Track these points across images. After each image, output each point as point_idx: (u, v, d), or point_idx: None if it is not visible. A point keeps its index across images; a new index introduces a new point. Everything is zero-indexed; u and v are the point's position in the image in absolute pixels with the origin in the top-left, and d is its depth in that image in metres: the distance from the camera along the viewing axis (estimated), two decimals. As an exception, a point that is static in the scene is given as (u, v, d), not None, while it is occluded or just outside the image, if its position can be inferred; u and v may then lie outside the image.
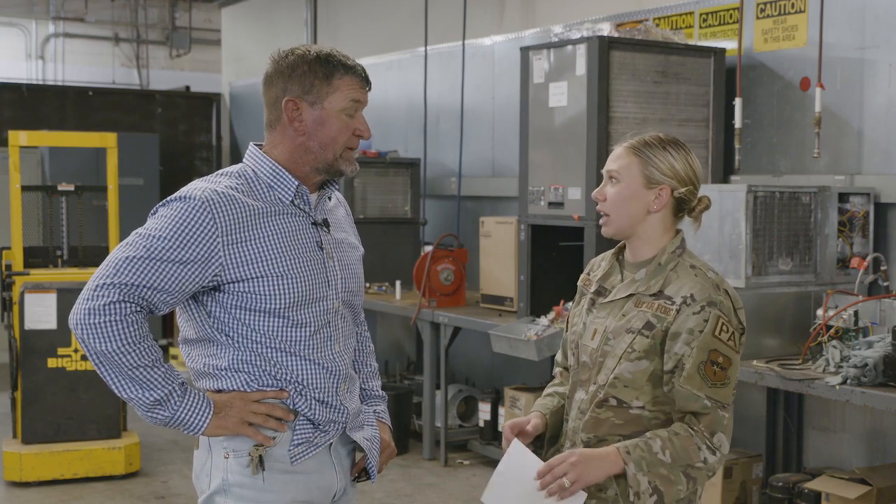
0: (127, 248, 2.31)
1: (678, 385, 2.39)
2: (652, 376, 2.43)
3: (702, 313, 2.38)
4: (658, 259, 2.48)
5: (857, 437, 5.19)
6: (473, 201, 7.64)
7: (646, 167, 2.46)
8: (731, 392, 2.42)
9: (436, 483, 6.19)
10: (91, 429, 6.18)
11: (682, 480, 2.37)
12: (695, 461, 2.36)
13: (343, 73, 2.42)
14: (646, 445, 2.36)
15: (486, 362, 7.35)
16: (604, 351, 2.48)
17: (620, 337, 2.45)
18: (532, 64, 5.62)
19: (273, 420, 2.39)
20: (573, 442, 2.52)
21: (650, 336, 2.41)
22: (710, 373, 2.37)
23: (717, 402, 2.38)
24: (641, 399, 2.43)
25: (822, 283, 4.81)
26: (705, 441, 2.37)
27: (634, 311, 2.45)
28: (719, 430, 2.39)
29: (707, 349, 2.37)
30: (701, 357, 2.37)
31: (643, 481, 2.34)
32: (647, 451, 2.35)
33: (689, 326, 2.38)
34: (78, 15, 15.01)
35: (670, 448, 2.36)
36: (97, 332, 2.27)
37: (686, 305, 2.39)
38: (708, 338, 2.37)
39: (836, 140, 5.25)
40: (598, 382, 2.48)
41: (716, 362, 2.38)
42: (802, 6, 5.39)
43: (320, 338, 2.44)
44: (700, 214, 2.53)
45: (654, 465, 2.35)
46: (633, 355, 2.43)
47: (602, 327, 2.50)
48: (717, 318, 2.38)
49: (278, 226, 2.39)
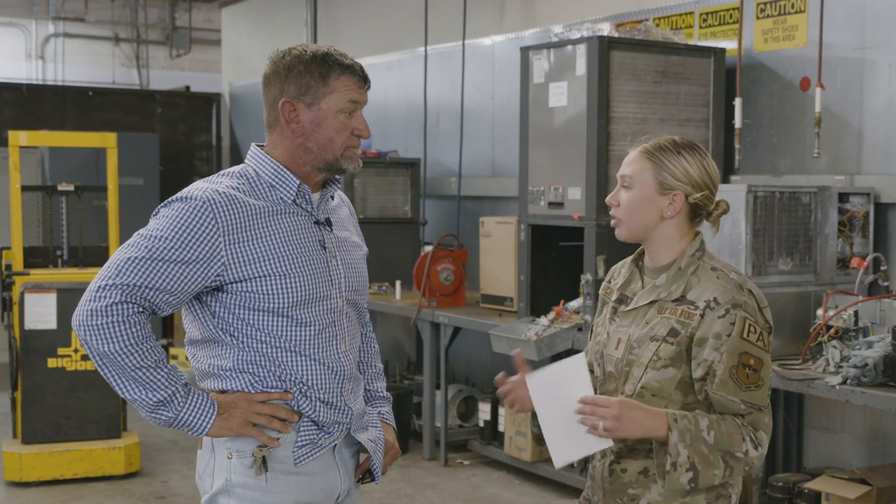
0: (129, 249, 2.31)
1: (712, 392, 2.35)
2: (680, 384, 2.39)
3: (727, 316, 2.34)
4: (678, 263, 2.44)
5: (857, 437, 5.20)
6: (473, 201, 7.64)
7: (659, 173, 2.42)
8: (766, 393, 2.37)
9: (436, 483, 6.19)
10: (91, 429, 6.18)
11: (721, 465, 2.32)
12: (736, 450, 2.32)
13: (340, 73, 2.41)
14: (694, 419, 2.33)
15: (486, 362, 7.35)
16: (629, 360, 2.44)
17: (645, 345, 2.41)
18: (532, 64, 5.63)
19: (277, 421, 2.38)
20: (603, 452, 2.48)
21: (675, 343, 2.37)
22: (742, 376, 2.33)
23: (752, 406, 2.35)
24: (671, 408, 2.38)
25: (822, 283, 4.81)
26: (751, 433, 2.34)
27: (658, 317, 2.41)
28: (761, 428, 2.36)
29: (737, 353, 2.33)
30: (732, 361, 2.33)
31: (682, 453, 2.30)
32: (694, 425, 2.31)
33: (716, 331, 2.34)
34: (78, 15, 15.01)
35: (716, 430, 2.32)
36: (100, 334, 2.27)
37: (710, 310, 2.35)
38: (737, 341, 2.33)
39: (836, 140, 5.25)
40: (625, 392, 2.44)
41: (747, 365, 2.33)
42: (802, 6, 5.39)
43: (325, 337, 2.44)
44: (718, 218, 2.49)
45: (697, 441, 2.31)
46: (658, 363, 2.39)
47: (626, 336, 2.46)
48: (744, 319, 2.34)
49: (280, 225, 2.39)
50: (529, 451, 6.05)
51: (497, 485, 6.17)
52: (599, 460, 2.51)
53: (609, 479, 2.47)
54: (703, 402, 2.39)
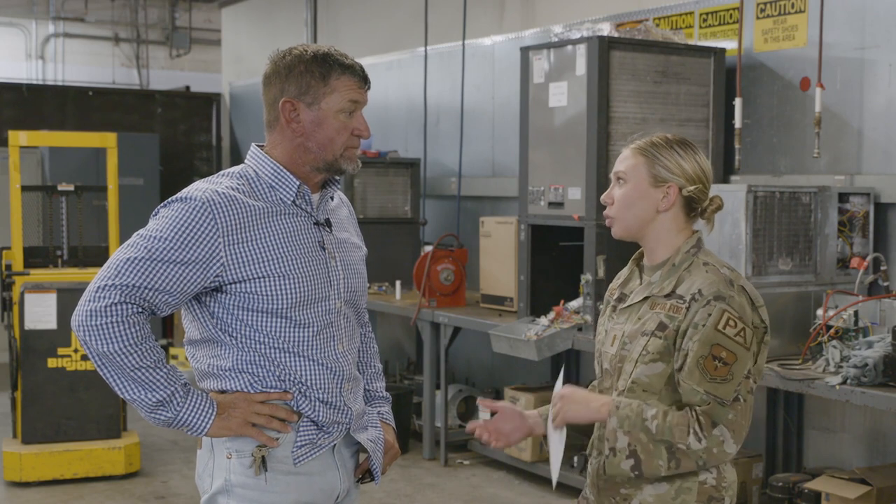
0: (128, 250, 2.31)
1: (681, 380, 2.35)
2: (670, 379, 2.39)
3: (707, 307, 2.34)
4: (672, 260, 2.45)
5: (857, 437, 5.19)
6: (473, 201, 7.65)
7: (652, 166, 2.44)
8: (733, 388, 2.33)
9: (436, 483, 6.19)
10: (91, 429, 6.18)
11: (664, 456, 2.32)
12: (678, 442, 2.31)
13: (340, 73, 2.41)
14: (638, 408, 2.35)
15: (486, 362, 7.36)
16: (622, 356, 2.45)
17: (636, 340, 2.42)
18: (532, 64, 5.63)
19: (276, 421, 2.38)
20: (599, 451, 2.49)
21: (663, 337, 2.38)
22: (710, 367, 2.32)
23: (715, 398, 2.32)
24: (663, 403, 2.38)
25: (822, 283, 4.81)
26: (696, 426, 2.31)
27: (649, 313, 2.42)
28: (721, 422, 2.32)
29: (709, 343, 2.32)
30: (702, 351, 2.32)
31: (622, 439, 2.35)
32: (636, 414, 2.34)
33: (695, 321, 2.34)
34: (78, 15, 15.01)
35: (659, 419, 2.32)
36: (99, 334, 2.27)
37: (695, 301, 2.36)
38: (710, 332, 2.32)
39: (836, 140, 5.25)
40: (618, 388, 2.45)
41: (718, 357, 2.32)
42: (802, 6, 5.39)
43: (324, 338, 2.44)
44: (713, 215, 2.49)
45: (636, 429, 2.33)
46: (647, 357, 2.39)
47: (620, 332, 2.48)
48: (723, 311, 2.33)
49: (280, 226, 2.39)
50: (529, 451, 6.06)
51: (497, 485, 6.17)
52: (595, 458, 2.51)
53: (602, 478, 2.48)
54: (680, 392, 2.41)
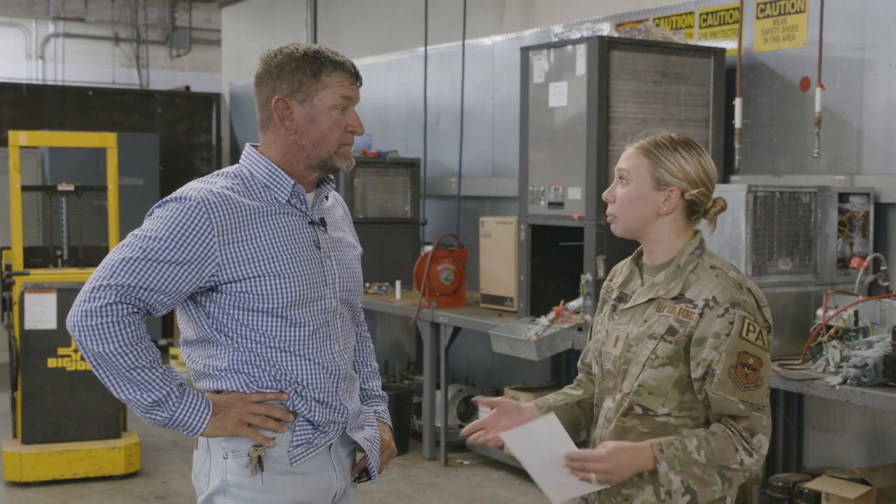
0: (123, 250, 2.31)
1: (711, 391, 2.33)
2: (678, 382, 2.38)
3: (726, 315, 2.33)
4: (677, 261, 2.43)
5: (857, 437, 5.19)
6: (473, 201, 7.64)
7: (655, 169, 2.41)
8: (765, 393, 2.36)
9: (436, 483, 6.19)
10: (91, 429, 6.18)
11: (717, 481, 2.33)
12: (731, 462, 2.32)
13: (332, 70, 2.41)
14: (681, 444, 2.32)
15: (486, 362, 7.35)
16: (626, 358, 2.43)
17: (643, 343, 2.40)
18: (532, 64, 5.62)
19: (272, 421, 2.38)
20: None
21: (673, 341, 2.36)
22: (741, 376, 2.32)
23: (751, 405, 2.33)
24: (667, 406, 2.38)
25: (822, 283, 4.81)
26: (742, 442, 2.32)
27: (656, 315, 2.40)
28: (759, 431, 2.34)
29: (736, 352, 2.32)
30: (731, 361, 2.32)
31: (675, 480, 2.31)
32: (682, 450, 2.31)
33: (715, 330, 2.33)
34: (78, 15, 15.01)
35: (706, 448, 2.31)
36: (94, 334, 2.27)
37: (709, 308, 2.34)
38: (736, 340, 2.32)
39: (836, 140, 5.24)
40: (623, 390, 2.44)
41: (746, 364, 2.32)
42: (802, 6, 5.38)
43: (319, 337, 2.43)
44: (715, 216, 2.48)
45: (688, 465, 2.31)
46: (656, 362, 2.38)
47: (624, 334, 2.46)
48: (743, 318, 2.33)
49: (275, 225, 2.38)
50: (529, 451, 6.04)
51: (497, 485, 6.16)
52: None
53: None
54: (703, 402, 2.38)
